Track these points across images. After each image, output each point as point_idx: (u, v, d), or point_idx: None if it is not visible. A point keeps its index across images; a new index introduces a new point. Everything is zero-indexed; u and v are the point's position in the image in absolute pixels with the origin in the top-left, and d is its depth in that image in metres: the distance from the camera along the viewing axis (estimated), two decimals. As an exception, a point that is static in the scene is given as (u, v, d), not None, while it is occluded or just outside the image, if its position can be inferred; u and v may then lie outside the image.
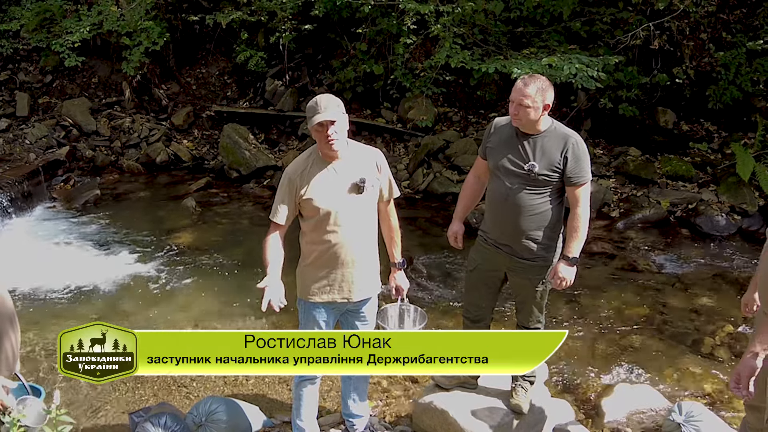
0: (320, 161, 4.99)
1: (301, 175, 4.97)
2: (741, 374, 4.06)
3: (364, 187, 4.92)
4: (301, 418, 5.51)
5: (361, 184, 4.91)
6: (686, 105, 14.60)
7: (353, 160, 5.01)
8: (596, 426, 6.60)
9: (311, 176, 4.95)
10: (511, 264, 5.41)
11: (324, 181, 4.94)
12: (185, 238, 11.60)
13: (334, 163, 4.97)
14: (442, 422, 5.78)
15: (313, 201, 4.92)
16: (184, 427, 5.86)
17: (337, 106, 4.79)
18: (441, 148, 14.38)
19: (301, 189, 4.94)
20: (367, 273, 5.19)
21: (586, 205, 5.21)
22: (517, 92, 5.09)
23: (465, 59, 13.06)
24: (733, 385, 4.14)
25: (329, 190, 4.92)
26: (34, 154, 14.79)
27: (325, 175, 4.95)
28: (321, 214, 4.93)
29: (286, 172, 5.08)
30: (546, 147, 5.15)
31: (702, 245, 11.50)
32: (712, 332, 8.60)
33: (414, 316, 5.66)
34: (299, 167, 5.01)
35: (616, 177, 13.53)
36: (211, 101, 17.31)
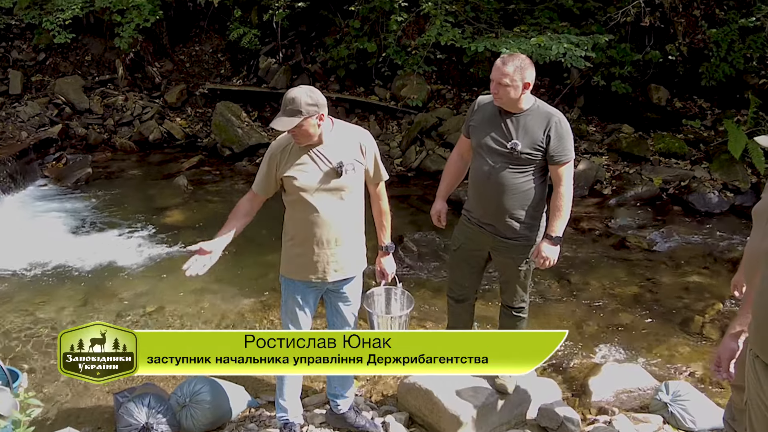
0: None
1: (282, 152, 4.94)
2: (721, 356, 4.03)
3: (342, 170, 4.87)
4: (283, 397, 5.49)
5: (339, 168, 4.86)
6: (679, 82, 14.56)
7: (336, 143, 4.94)
8: (583, 405, 6.57)
9: (292, 155, 4.91)
10: (495, 243, 5.39)
11: (303, 162, 4.89)
12: (176, 217, 11.59)
13: (315, 146, 4.92)
14: (427, 402, 5.76)
15: (291, 180, 4.89)
16: (167, 408, 5.86)
17: (298, 111, 4.64)
18: (434, 126, 14.36)
19: (281, 166, 4.92)
20: (346, 254, 5.14)
21: (569, 183, 5.20)
22: (496, 71, 5.06)
23: (455, 37, 13.02)
24: (713, 367, 4.11)
25: (307, 172, 4.88)
26: (26, 132, 14.76)
27: (305, 156, 4.90)
28: (299, 193, 4.90)
29: (270, 147, 5.06)
30: (529, 125, 5.11)
31: (694, 222, 11.48)
32: (701, 310, 8.57)
33: (401, 299, 5.65)
34: (282, 143, 4.99)
35: (609, 154, 13.51)
36: (204, 79, 17.27)
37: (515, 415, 5.92)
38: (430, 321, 8.10)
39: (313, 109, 4.68)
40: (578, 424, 5.87)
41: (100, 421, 6.38)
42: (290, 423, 5.51)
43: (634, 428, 6.02)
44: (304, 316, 5.27)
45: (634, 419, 6.20)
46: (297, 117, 4.64)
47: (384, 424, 5.82)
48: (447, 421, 5.59)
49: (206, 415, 5.89)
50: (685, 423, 6.05)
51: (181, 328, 8.10)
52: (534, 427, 5.94)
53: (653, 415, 6.24)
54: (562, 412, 5.84)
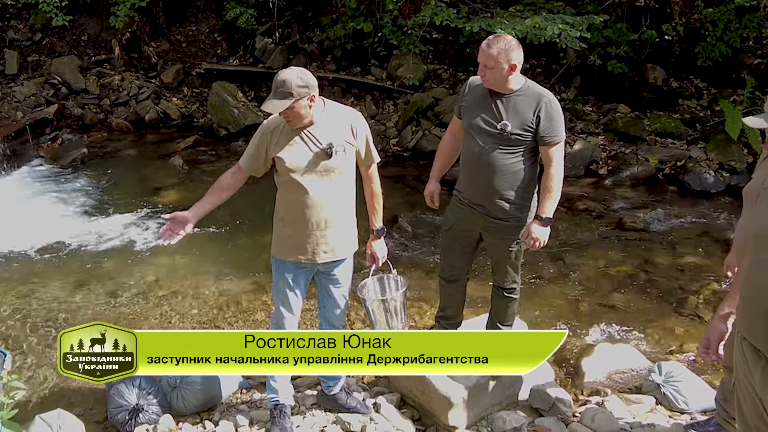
0: None
1: (273, 132, 4.92)
2: (710, 338, 4.02)
3: (332, 152, 4.85)
4: (274, 378, 5.47)
5: (329, 150, 4.84)
6: (675, 62, 14.53)
7: (327, 124, 4.92)
8: (575, 386, 6.59)
9: (283, 135, 4.89)
10: (485, 224, 5.37)
11: (294, 142, 4.88)
12: (171, 197, 11.57)
13: (307, 127, 4.90)
14: (418, 383, 5.75)
15: (281, 160, 4.87)
16: (158, 389, 5.87)
17: (289, 93, 4.63)
18: (430, 106, 14.29)
19: (271, 145, 4.90)
20: (336, 236, 5.13)
21: (559, 164, 5.15)
22: (482, 54, 5.03)
23: (450, 17, 12.97)
24: (702, 350, 4.09)
25: (298, 153, 4.86)
26: (22, 112, 14.70)
27: (296, 137, 4.88)
28: (289, 174, 4.88)
29: (261, 126, 5.05)
30: (519, 106, 5.08)
31: (690, 203, 11.46)
32: (696, 291, 8.57)
33: (394, 284, 5.63)
34: (273, 123, 4.97)
35: (605, 134, 13.49)
36: (200, 59, 17.23)
37: (507, 396, 5.92)
38: (424, 302, 8.10)
39: (304, 90, 4.66)
40: (570, 405, 5.87)
41: (91, 401, 6.37)
42: (281, 404, 5.49)
43: (626, 409, 6.02)
44: (295, 297, 5.26)
45: (627, 400, 6.21)
46: (288, 99, 4.62)
47: (375, 405, 5.82)
48: (438, 402, 5.58)
49: (197, 396, 5.90)
50: (677, 404, 6.05)
51: (173, 309, 8.12)
52: (526, 408, 5.95)
53: (646, 396, 6.26)
54: (554, 393, 5.85)
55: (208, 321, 7.86)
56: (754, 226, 3.55)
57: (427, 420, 5.80)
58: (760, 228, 3.48)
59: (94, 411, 6.23)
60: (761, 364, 3.41)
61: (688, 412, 6.01)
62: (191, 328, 7.69)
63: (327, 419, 5.70)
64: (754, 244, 3.53)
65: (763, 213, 3.53)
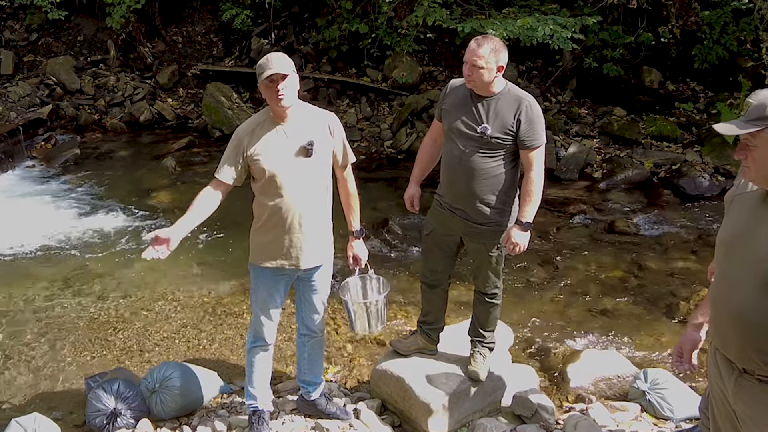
0: (271, 122, 4.92)
1: (251, 134, 4.92)
2: (684, 347, 3.96)
3: (312, 150, 4.82)
4: (252, 384, 5.44)
5: (309, 147, 4.82)
6: (672, 65, 14.52)
7: (304, 123, 4.92)
8: (560, 392, 6.53)
9: (260, 136, 4.88)
10: (466, 228, 5.32)
11: (272, 142, 4.86)
12: (162, 198, 11.55)
13: (284, 125, 4.88)
14: (398, 389, 5.71)
15: (260, 162, 4.84)
16: (137, 393, 5.83)
17: (288, 63, 4.71)
18: (425, 108, 14.29)
19: (249, 148, 4.88)
20: (317, 240, 5.09)
21: (540, 168, 5.10)
22: (471, 53, 4.96)
23: (443, 17, 12.94)
24: (675, 359, 4.04)
25: (277, 152, 4.84)
26: (15, 112, 14.70)
27: (274, 137, 4.86)
28: (267, 175, 4.85)
29: (236, 131, 5.05)
30: (499, 109, 5.02)
31: (684, 207, 11.42)
32: (686, 296, 8.50)
33: (377, 285, 5.59)
34: (249, 126, 4.97)
35: (600, 137, 13.47)
36: (196, 60, 17.28)
37: (489, 403, 5.86)
38: (411, 306, 8.05)
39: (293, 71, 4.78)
40: (553, 412, 5.83)
41: (72, 405, 6.34)
42: (259, 410, 5.45)
43: (610, 416, 5.98)
44: (274, 305, 5.24)
45: (611, 407, 6.16)
46: (290, 67, 4.74)
47: (356, 411, 5.77)
48: (418, 409, 5.53)
49: (176, 401, 5.86)
50: (663, 411, 6.02)
51: (159, 311, 8.08)
52: (508, 415, 5.90)
53: (631, 403, 6.21)
54: (536, 400, 5.80)
55: (193, 324, 7.81)
56: (720, 234, 3.51)
57: (408, 426, 5.74)
58: (725, 236, 3.44)
59: (74, 415, 6.19)
60: (734, 375, 3.36)
61: (674, 420, 5.95)
62: (176, 331, 7.65)
63: (306, 425, 5.65)
64: (720, 252, 3.49)
65: (729, 222, 3.50)
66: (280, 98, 4.72)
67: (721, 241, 3.49)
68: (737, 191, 3.58)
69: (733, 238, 3.38)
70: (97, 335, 7.54)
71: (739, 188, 3.60)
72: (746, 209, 3.37)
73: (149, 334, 7.60)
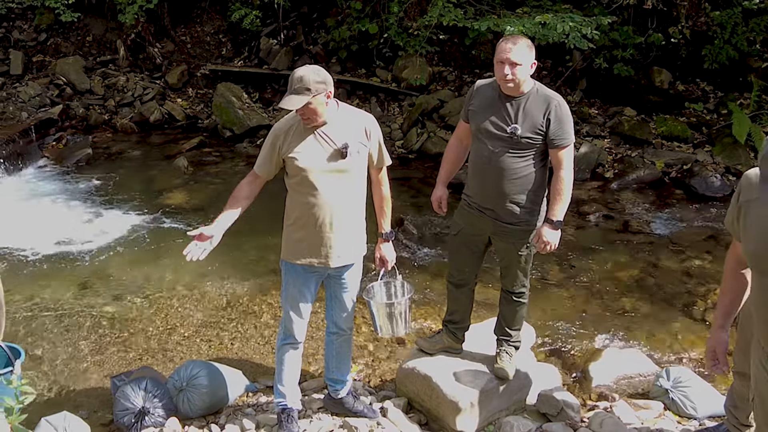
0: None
1: (286, 133, 4.92)
2: (717, 349, 3.98)
3: (347, 152, 4.84)
4: (282, 382, 5.46)
5: (343, 149, 4.83)
6: (682, 65, 14.49)
7: (341, 124, 4.92)
8: (583, 391, 6.54)
9: (296, 136, 4.89)
10: (495, 228, 5.33)
11: (308, 142, 4.87)
12: (176, 198, 11.55)
13: (321, 126, 4.88)
14: (425, 388, 5.73)
15: (294, 160, 4.86)
16: (164, 392, 5.83)
17: (307, 89, 4.64)
18: (435, 108, 14.34)
19: (285, 146, 4.89)
20: (348, 239, 5.12)
21: (569, 167, 5.12)
22: (506, 52, 4.95)
23: (458, 17, 12.96)
24: (711, 363, 4.05)
25: (312, 152, 4.85)
26: (27, 112, 14.72)
27: (309, 137, 4.88)
28: (302, 174, 4.86)
29: (274, 128, 5.05)
30: (528, 109, 5.04)
31: (696, 206, 11.42)
32: (703, 295, 8.53)
33: (400, 288, 5.62)
34: (286, 124, 4.97)
35: (611, 137, 13.47)
36: (205, 60, 17.28)
37: (514, 401, 5.88)
38: (430, 305, 8.08)
39: (321, 86, 4.67)
40: (578, 410, 5.84)
41: (97, 404, 6.36)
42: (288, 408, 5.47)
43: (634, 414, 5.99)
44: (305, 302, 5.26)
45: (635, 405, 6.17)
46: (306, 95, 4.64)
47: (382, 410, 5.79)
48: (445, 407, 5.55)
49: (203, 399, 5.87)
50: (686, 410, 6.02)
51: (178, 311, 8.09)
52: (534, 413, 5.92)
53: (654, 401, 6.22)
54: (561, 398, 5.82)
55: (212, 323, 7.83)
56: (745, 248, 3.52)
57: (435, 425, 5.76)
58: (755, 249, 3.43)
59: (99, 414, 6.20)
60: None
61: (697, 418, 5.97)
62: (196, 330, 7.66)
63: (334, 423, 5.67)
64: (752, 263, 3.51)
65: (753, 235, 3.49)
66: (306, 122, 4.80)
67: (752, 255, 3.48)
68: (747, 197, 3.57)
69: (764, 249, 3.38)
70: (118, 335, 7.56)
71: (745, 193, 3.60)
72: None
73: (170, 333, 7.62)
